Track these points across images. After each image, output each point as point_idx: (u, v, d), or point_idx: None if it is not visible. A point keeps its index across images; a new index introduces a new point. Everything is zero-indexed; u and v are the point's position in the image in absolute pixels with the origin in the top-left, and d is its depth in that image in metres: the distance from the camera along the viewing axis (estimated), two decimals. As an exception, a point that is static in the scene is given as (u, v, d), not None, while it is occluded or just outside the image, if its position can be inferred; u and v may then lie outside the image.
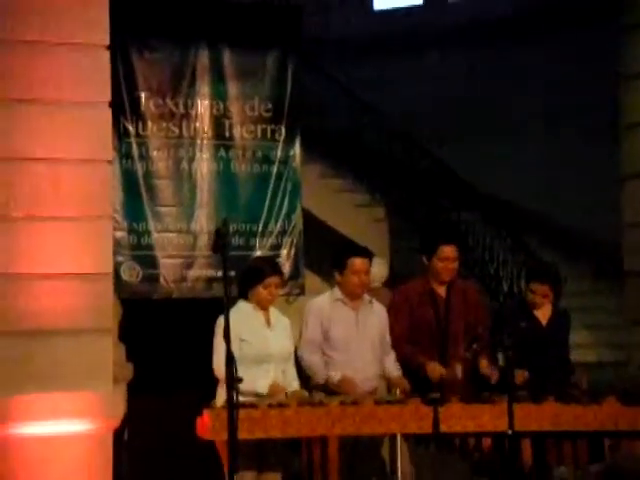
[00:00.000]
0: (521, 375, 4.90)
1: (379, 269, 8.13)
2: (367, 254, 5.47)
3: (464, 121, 10.09)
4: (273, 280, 5.03)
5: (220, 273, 6.14)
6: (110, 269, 5.51)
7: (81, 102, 5.33)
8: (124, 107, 6.88)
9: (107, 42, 5.43)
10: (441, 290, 5.53)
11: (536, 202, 9.83)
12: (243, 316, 4.98)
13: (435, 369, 5.28)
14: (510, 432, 4.52)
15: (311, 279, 7.48)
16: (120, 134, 6.89)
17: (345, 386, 5.11)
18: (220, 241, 4.08)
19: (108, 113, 5.49)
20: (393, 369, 5.39)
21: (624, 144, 6.87)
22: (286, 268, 7.25)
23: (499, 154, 9.90)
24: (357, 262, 5.31)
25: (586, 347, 8.45)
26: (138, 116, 6.98)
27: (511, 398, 4.54)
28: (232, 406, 3.85)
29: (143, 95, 6.97)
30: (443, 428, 4.83)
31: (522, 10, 9.91)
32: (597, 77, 8.14)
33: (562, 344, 5.59)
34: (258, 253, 7.16)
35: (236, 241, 7.16)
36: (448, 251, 5.45)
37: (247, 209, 7.23)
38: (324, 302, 5.38)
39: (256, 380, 4.84)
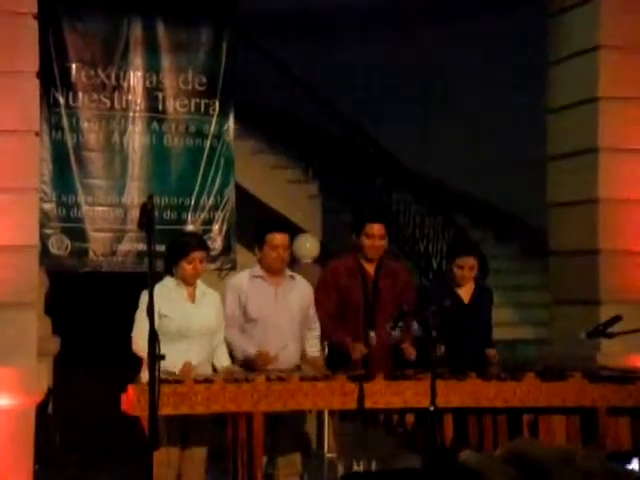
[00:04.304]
0: (438, 349, 4.98)
1: (310, 245, 8.21)
2: (286, 229, 5.48)
3: (398, 99, 10.13)
4: (197, 255, 5.02)
5: (150, 248, 6.09)
6: (35, 242, 5.45)
7: (7, 71, 5.24)
8: (54, 78, 6.76)
9: (35, 10, 5.34)
10: (370, 268, 5.57)
11: (467, 181, 9.93)
12: (165, 291, 4.97)
13: (357, 350, 5.33)
14: (432, 408, 4.60)
15: (243, 254, 7.47)
16: (50, 105, 6.78)
17: (261, 360, 5.13)
18: (145, 217, 4.05)
19: (35, 83, 5.41)
20: (311, 347, 5.42)
21: (549, 126, 6.99)
22: (218, 243, 7.24)
23: (431, 133, 9.97)
24: (276, 237, 5.31)
25: (513, 325, 8.60)
26: (69, 87, 6.86)
27: (434, 375, 4.62)
28: (153, 382, 3.84)
29: (74, 66, 6.86)
30: (368, 404, 4.90)
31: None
32: (530, 58, 8.23)
33: (484, 321, 5.69)
34: (190, 228, 7.13)
35: (168, 215, 7.11)
36: (374, 229, 5.51)
37: (179, 183, 7.17)
38: (243, 278, 5.39)
39: (173, 357, 4.82)
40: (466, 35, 9.68)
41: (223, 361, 5.13)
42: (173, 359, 4.75)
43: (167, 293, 4.98)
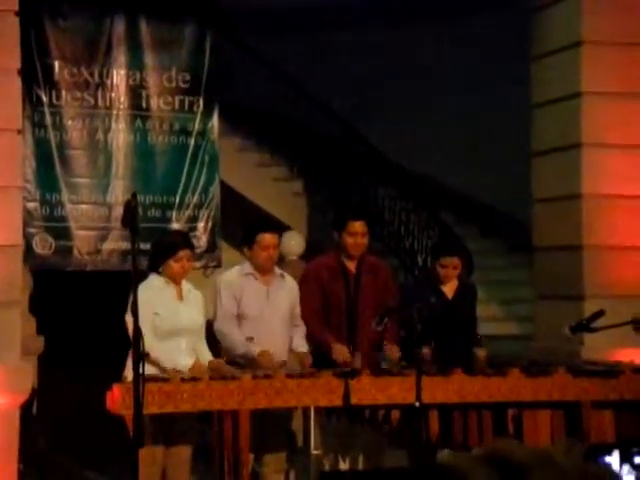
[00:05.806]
0: (426, 353, 5.00)
1: (295, 243, 8.20)
2: (276, 229, 5.49)
3: (383, 96, 10.13)
4: (185, 253, 5.01)
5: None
6: (19, 241, 5.42)
7: (-11, 69, 5.20)
8: (37, 75, 6.73)
9: (16, 8, 5.31)
10: (351, 266, 5.57)
11: (452, 178, 9.94)
12: (156, 290, 4.97)
13: (340, 352, 5.33)
14: (418, 404, 4.60)
15: (228, 252, 7.45)
16: (33, 103, 6.74)
17: (263, 360, 5.15)
18: (129, 215, 4.04)
19: (17, 81, 5.37)
20: (299, 344, 5.43)
21: (534, 122, 7.00)
22: (203, 241, 7.22)
23: (417, 130, 9.97)
24: (266, 237, 5.32)
25: (499, 320, 8.63)
26: (52, 85, 6.83)
27: (419, 371, 4.62)
28: (137, 381, 3.83)
29: (57, 63, 6.82)
30: (354, 401, 4.90)
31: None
32: (515, 55, 8.23)
33: (468, 317, 5.70)
34: (175, 225, 7.11)
35: (152, 213, 7.08)
36: (357, 226, 5.50)
37: (164, 181, 7.15)
38: (234, 276, 5.39)
39: (173, 355, 4.84)
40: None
41: (207, 356, 5.13)
42: (162, 357, 4.76)
43: (157, 292, 4.98)
